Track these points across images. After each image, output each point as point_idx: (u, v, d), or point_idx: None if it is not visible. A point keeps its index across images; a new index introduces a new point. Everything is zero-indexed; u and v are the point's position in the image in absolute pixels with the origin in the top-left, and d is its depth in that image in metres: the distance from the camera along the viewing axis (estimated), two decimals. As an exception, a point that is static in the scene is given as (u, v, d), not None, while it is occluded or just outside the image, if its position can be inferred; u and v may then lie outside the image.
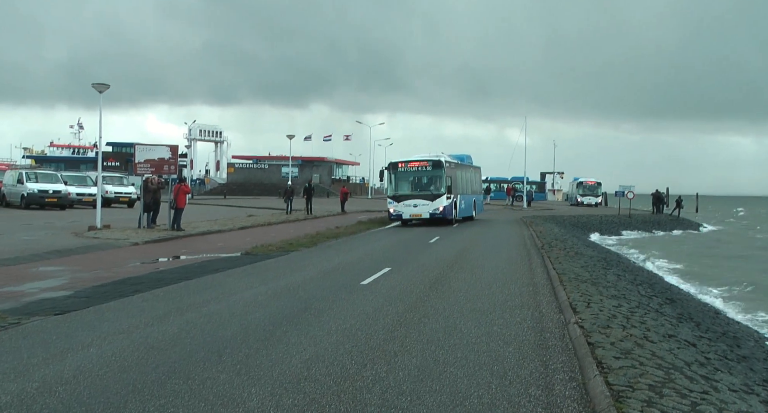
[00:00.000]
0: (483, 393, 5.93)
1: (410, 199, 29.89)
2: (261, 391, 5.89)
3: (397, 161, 31.03)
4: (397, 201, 30.05)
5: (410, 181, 30.72)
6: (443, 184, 29.77)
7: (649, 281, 18.04)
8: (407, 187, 30.53)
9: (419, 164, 30.35)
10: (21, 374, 6.45)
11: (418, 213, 29.82)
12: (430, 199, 29.66)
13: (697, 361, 7.98)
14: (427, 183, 30.41)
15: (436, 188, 29.99)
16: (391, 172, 30.54)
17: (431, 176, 30.30)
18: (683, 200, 56.12)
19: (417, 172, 30.54)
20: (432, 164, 30.14)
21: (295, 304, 10.23)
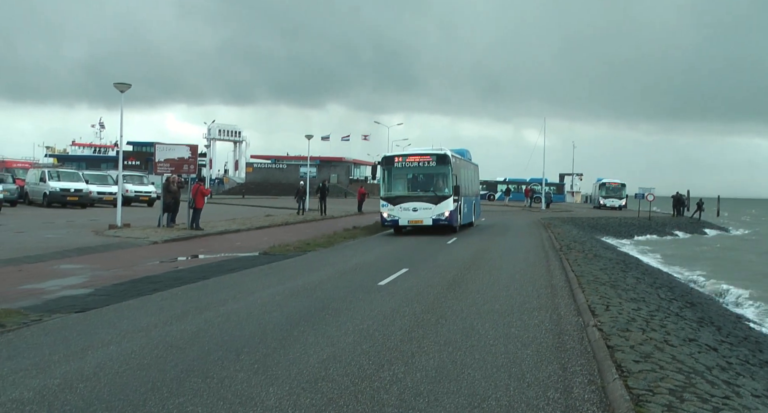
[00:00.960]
0: (501, 396, 5.90)
1: (409, 202, 24.62)
2: (279, 390, 5.91)
3: (393, 155, 26.00)
4: (392, 203, 24.79)
5: (409, 179, 25.77)
6: (449, 183, 24.63)
7: (668, 284, 17.86)
8: (405, 187, 25.56)
9: (420, 159, 25.01)
10: (42, 370, 6.53)
11: (418, 220, 24.62)
12: (434, 202, 24.52)
13: (718, 366, 7.89)
14: (430, 182, 25.34)
15: (441, 188, 24.85)
16: (385, 168, 25.28)
17: (435, 174, 25.08)
18: (704, 203, 55.52)
19: (417, 169, 25.30)
20: (436, 159, 24.77)
21: (312, 304, 10.25)
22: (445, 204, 24.56)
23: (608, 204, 63.90)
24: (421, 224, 24.72)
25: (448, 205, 24.58)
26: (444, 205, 24.55)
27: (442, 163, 24.83)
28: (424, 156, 25.10)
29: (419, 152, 25.70)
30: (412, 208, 24.55)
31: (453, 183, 24.66)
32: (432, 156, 24.95)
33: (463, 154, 30.61)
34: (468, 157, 32.14)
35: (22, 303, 10.05)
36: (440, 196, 24.62)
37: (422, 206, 24.51)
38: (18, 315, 9.08)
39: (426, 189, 25.25)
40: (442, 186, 24.89)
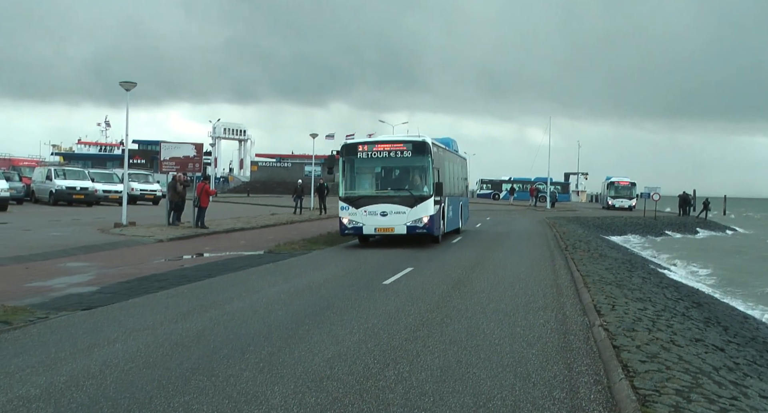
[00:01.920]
0: (506, 395, 5.89)
1: (376, 203, 19.00)
2: (284, 389, 5.91)
3: (355, 142, 20.29)
4: (354, 205, 19.08)
5: (377, 174, 20.27)
6: (429, 179, 19.12)
7: (674, 284, 17.80)
8: (371, 184, 20.08)
9: (391, 147, 19.30)
10: (49, 368, 6.54)
11: (388, 227, 18.95)
12: (409, 204, 18.84)
13: (725, 366, 7.85)
14: (404, 178, 20.11)
15: (418, 186, 19.42)
16: (346, 159, 19.60)
17: (411, 167, 19.83)
18: (710, 202, 55.35)
19: (388, 161, 19.61)
20: (412, 148, 19.17)
21: (317, 303, 10.26)
22: (423, 206, 18.86)
23: (617, 204, 60.67)
24: (392, 233, 19.14)
25: (428, 207, 18.90)
26: (422, 207, 18.86)
27: (419, 153, 19.15)
28: (397, 144, 19.42)
29: (390, 139, 20.22)
30: (380, 212, 18.80)
31: (434, 179, 19.13)
32: (406, 144, 19.30)
33: (447, 143, 25.13)
34: (454, 148, 26.99)
35: (29, 301, 10.08)
36: (417, 197, 18.97)
37: (393, 209, 18.82)
38: (25, 312, 9.11)
39: (399, 187, 19.78)
40: (420, 183, 19.41)
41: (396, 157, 19.35)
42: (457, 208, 25.06)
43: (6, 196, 29.35)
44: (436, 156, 19.86)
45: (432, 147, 19.45)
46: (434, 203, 19.14)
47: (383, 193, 19.72)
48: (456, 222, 24.72)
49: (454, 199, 24.03)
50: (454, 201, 23.99)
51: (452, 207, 23.38)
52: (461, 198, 26.72)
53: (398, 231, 19.03)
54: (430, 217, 19.00)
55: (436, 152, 20.22)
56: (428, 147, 19.25)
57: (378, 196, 19.50)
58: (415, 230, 18.99)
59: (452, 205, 23.41)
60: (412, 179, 19.87)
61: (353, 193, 19.46)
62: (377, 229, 19.16)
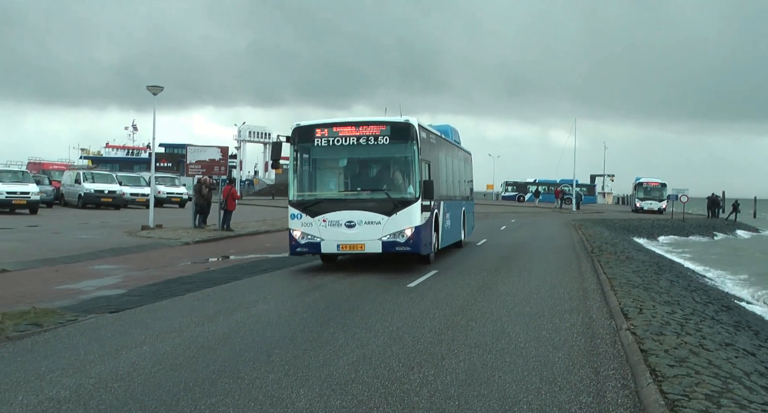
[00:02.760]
0: (532, 399, 5.85)
1: (339, 210, 13.94)
2: (309, 392, 5.93)
3: (312, 124, 14.43)
4: (308, 212, 14.06)
5: (342, 169, 15.12)
6: (414, 176, 14.04)
7: (703, 287, 17.54)
8: (333, 183, 15.06)
9: (362, 132, 14.07)
10: (78, 370, 6.64)
11: (356, 243, 13.89)
12: (385, 211, 13.83)
13: (756, 371, 7.71)
14: (379, 174, 15.12)
15: (399, 186, 14.42)
16: (298, 148, 14.41)
17: (389, 160, 14.81)
18: (740, 204, 54.44)
19: (356, 150, 14.34)
20: (391, 133, 14.03)
21: (342, 306, 10.27)
22: (405, 214, 13.77)
23: (645, 207, 57.34)
24: (361, 251, 14.05)
25: (412, 215, 13.82)
26: (404, 215, 13.76)
27: (401, 139, 14.03)
28: (369, 126, 14.07)
29: (360, 120, 14.38)
30: (346, 222, 13.73)
31: (421, 176, 14.04)
32: (383, 127, 14.01)
33: (445, 132, 19.91)
34: (455, 139, 21.56)
35: (58, 303, 10.24)
36: (398, 200, 13.90)
37: (364, 218, 13.74)
38: (54, 314, 9.26)
39: (372, 187, 14.62)
40: (402, 182, 14.36)
41: (368, 144, 13.94)
42: (458, 216, 19.84)
43: (36, 200, 29.90)
44: (425, 145, 14.86)
45: (419, 132, 14.19)
46: (421, 209, 13.91)
47: (350, 195, 14.41)
48: (456, 234, 19.46)
49: (454, 204, 18.94)
50: (453, 206, 18.87)
51: (451, 214, 18.23)
52: (464, 202, 21.34)
53: (370, 248, 13.81)
54: (416, 229, 13.75)
55: (426, 140, 15.20)
56: (413, 131, 13.90)
57: (343, 199, 14.21)
58: (394, 247, 13.78)
59: (451, 212, 18.26)
60: (391, 176, 14.71)
61: (308, 195, 14.37)
62: (341, 247, 13.88)
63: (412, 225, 13.88)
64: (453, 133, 21.61)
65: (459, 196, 20.69)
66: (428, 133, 15.94)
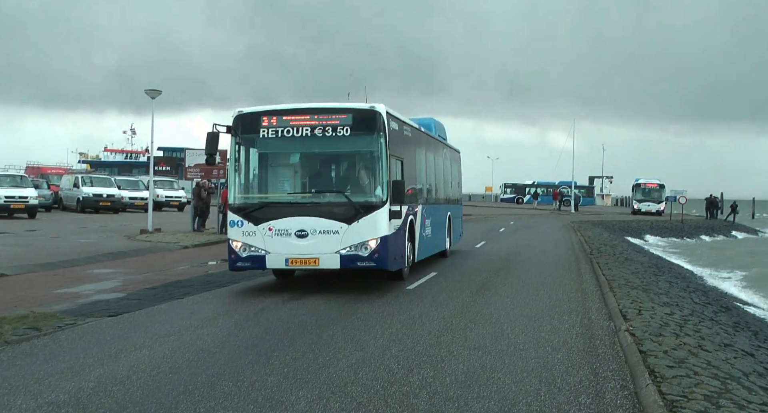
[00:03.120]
0: (531, 401, 5.85)
1: (288, 217, 11.58)
2: (309, 394, 5.93)
3: (257, 111, 12.10)
4: (251, 219, 11.70)
5: (293, 166, 13.02)
6: (381, 175, 11.70)
7: (702, 288, 17.56)
8: (282, 184, 12.91)
9: (317, 120, 11.72)
10: (77, 373, 6.64)
11: (309, 257, 11.47)
12: (344, 218, 11.49)
13: (755, 372, 7.72)
14: (338, 173, 12.85)
15: (363, 187, 12.10)
16: (242, 139, 12.07)
17: (350, 155, 12.48)
18: (738, 205, 54.49)
19: (310, 143, 11.97)
20: (353, 122, 11.70)
21: (341, 308, 10.27)
22: (370, 222, 11.37)
23: (643, 208, 55.48)
24: (315, 267, 11.60)
25: (378, 223, 11.41)
26: (368, 223, 11.37)
27: (365, 131, 11.65)
28: (326, 115, 11.68)
29: (315, 107, 11.89)
30: (297, 231, 11.35)
31: (390, 175, 11.64)
32: (344, 115, 11.65)
33: (428, 126, 17.18)
34: (439, 134, 18.78)
35: (57, 307, 10.24)
36: (360, 205, 11.51)
37: (319, 226, 11.35)
38: (53, 318, 9.25)
39: (328, 188, 12.38)
40: (366, 182, 11.99)
41: (326, 136, 11.50)
42: (442, 222, 17.45)
43: (35, 204, 29.87)
44: (397, 138, 12.49)
45: (389, 122, 11.71)
46: (390, 215, 11.45)
47: (302, 198, 12.11)
48: (439, 242, 16.94)
49: (436, 209, 16.64)
50: (436, 211, 16.52)
51: (433, 220, 15.73)
52: (449, 206, 18.81)
53: (326, 263, 11.31)
54: (382, 240, 11.29)
55: (398, 132, 12.75)
56: (381, 121, 11.46)
57: (293, 203, 11.87)
58: (356, 262, 11.27)
59: (433, 217, 15.78)
60: (354, 175, 12.38)
61: (252, 198, 11.98)
62: (290, 261, 11.35)
63: (377, 235, 11.28)
64: (437, 128, 18.59)
65: (443, 199, 18.19)
66: (401, 124, 13.24)
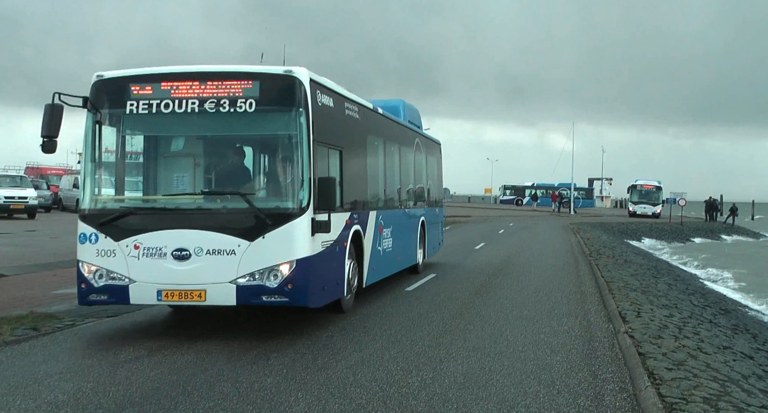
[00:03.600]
0: (530, 403, 5.85)
1: (160, 229, 7.97)
2: (307, 396, 5.93)
3: (125, 76, 8.32)
4: (110, 234, 8.11)
5: (168, 155, 9.52)
6: (301, 170, 7.94)
7: (701, 291, 17.57)
8: (156, 181, 9.22)
9: (208, 92, 8.00)
10: (76, 374, 6.64)
11: (192, 289, 7.78)
12: (244, 232, 7.83)
13: (754, 374, 7.73)
14: (235, 167, 8.96)
15: (273, 187, 8.83)
16: (101, 115, 8.38)
17: (252, 142, 9.23)
18: (738, 208, 54.51)
19: (195, 122, 8.37)
20: (259, 93, 7.96)
21: (340, 309, 10.26)
22: (281, 238, 7.87)
23: (639, 211, 53.83)
24: (199, 303, 7.98)
25: (294, 240, 7.93)
26: (279, 240, 7.87)
27: (278, 106, 8.17)
28: (224, 83, 8.10)
29: (206, 71, 8.31)
30: (174, 250, 7.91)
31: (314, 170, 8.09)
32: (248, 84, 8.08)
33: (394, 110, 13.55)
34: (409, 120, 14.60)
35: (56, 308, 10.23)
36: (268, 213, 7.99)
37: (206, 244, 7.89)
38: (53, 319, 9.24)
39: (222, 187, 8.94)
40: (279, 180, 8.71)
41: (220, 113, 8.10)
42: (411, 230, 13.93)
43: (34, 204, 29.85)
44: (328, 118, 8.80)
45: (315, 94, 8.28)
46: (313, 228, 8.05)
47: (184, 203, 8.58)
48: (407, 256, 13.50)
49: (403, 215, 13.26)
50: (403, 217, 13.19)
51: (396, 229, 12.28)
52: (423, 210, 15.07)
53: (215, 298, 7.90)
54: (300, 264, 7.90)
55: (332, 110, 9.03)
56: (301, 92, 8.04)
57: (170, 209, 8.43)
58: (259, 297, 7.87)
59: (396, 225, 12.33)
60: (262, 169, 9.37)
61: (111, 201, 8.70)
62: (164, 295, 7.95)
63: (291, 258, 7.72)
64: (407, 112, 14.43)
65: (413, 202, 14.33)
66: (339, 100, 9.33)
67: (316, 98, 8.38)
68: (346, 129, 9.86)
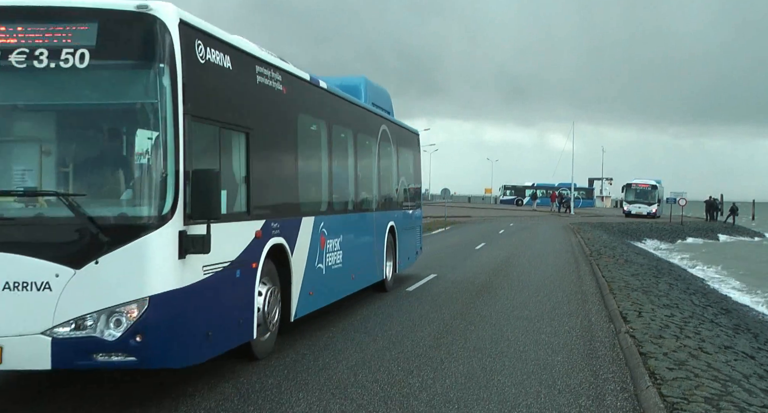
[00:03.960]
0: (532, 403, 5.84)
1: None
2: (308, 396, 5.92)
3: None
4: None
5: None
6: (158, 159, 5.25)
7: (702, 290, 17.56)
8: None
9: (23, 39, 5.24)
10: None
11: None
12: (66, 256, 5.07)
13: (756, 374, 7.72)
14: (59, 154, 5.71)
15: (110, 184, 5.63)
16: None
17: (84, 115, 5.67)
18: (738, 207, 54.49)
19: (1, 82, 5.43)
20: (96, 39, 5.23)
21: (340, 310, 10.26)
22: (124, 263, 5.13)
23: (633, 210, 51.70)
24: None
25: (143, 266, 5.16)
26: (118, 266, 5.11)
27: (125, 56, 5.37)
28: (44, 21, 5.31)
29: (21, 5, 5.38)
30: None
31: (178, 157, 5.30)
32: (83, 25, 5.29)
33: (353, 89, 11.11)
34: (372, 102, 11.88)
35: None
36: (105, 226, 5.15)
37: (7, 272, 5.06)
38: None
39: (35, 184, 5.61)
40: (123, 171, 5.66)
41: (34, 69, 5.29)
42: (374, 238, 11.16)
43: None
44: (212, 79, 6.06)
45: (190, 43, 5.63)
46: (180, 246, 5.34)
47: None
48: (367, 273, 10.85)
49: (361, 220, 10.74)
50: (361, 223, 10.73)
51: (351, 238, 10.03)
52: (393, 214, 12.34)
53: (15, 359, 5.12)
54: (158, 303, 5.18)
55: (218, 67, 6.16)
56: (165, 38, 5.34)
57: None
58: (90, 356, 5.14)
59: (350, 234, 10.01)
60: (98, 157, 5.82)
61: None
62: None
63: (144, 293, 5.20)
64: (369, 92, 11.64)
65: (377, 204, 11.27)
66: (244, 59, 6.76)
67: (194, 51, 5.65)
68: (258, 103, 6.95)
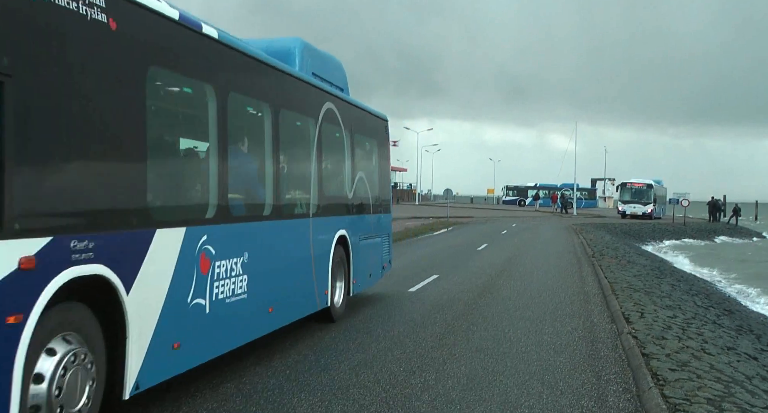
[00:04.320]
0: (534, 404, 5.84)
1: None
2: (310, 397, 5.92)
3: None
4: None
5: None
6: None
7: (705, 291, 17.53)
8: None
9: None
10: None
11: None
12: None
13: (758, 375, 7.70)
14: None
15: None
16: None
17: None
18: (741, 208, 54.41)
19: None
20: None
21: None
22: None
23: (628, 211, 50.01)
24: None
25: None
26: None
27: None
28: None
29: None
30: None
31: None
32: None
33: (284, 53, 8.52)
34: (313, 72, 9.14)
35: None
36: None
37: None
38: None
39: None
40: None
41: None
42: (313, 255, 8.49)
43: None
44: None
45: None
46: None
47: None
48: (297, 304, 8.11)
49: (289, 231, 7.95)
50: (288, 236, 7.93)
51: (265, 256, 7.07)
52: (346, 220, 9.85)
53: None
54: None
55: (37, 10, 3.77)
56: None
57: None
58: None
59: (268, 251, 7.17)
60: None
61: None
62: None
63: None
64: (306, 59, 9.12)
65: (318, 208, 8.74)
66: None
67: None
68: (32, 34, 3.94)
